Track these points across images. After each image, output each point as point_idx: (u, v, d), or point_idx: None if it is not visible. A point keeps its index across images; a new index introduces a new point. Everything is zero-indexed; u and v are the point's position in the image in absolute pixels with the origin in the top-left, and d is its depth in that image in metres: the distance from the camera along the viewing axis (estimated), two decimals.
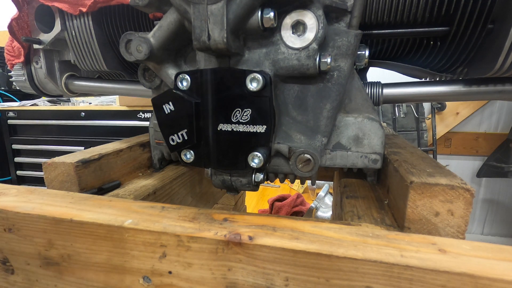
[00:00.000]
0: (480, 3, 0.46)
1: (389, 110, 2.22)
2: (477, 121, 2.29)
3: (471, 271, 0.28)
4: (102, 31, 0.66)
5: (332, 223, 0.39)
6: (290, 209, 1.84)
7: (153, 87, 0.51)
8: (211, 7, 0.35)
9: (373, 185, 0.57)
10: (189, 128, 0.42)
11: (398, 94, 0.60)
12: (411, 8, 0.50)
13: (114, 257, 0.38)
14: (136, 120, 1.78)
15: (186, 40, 0.44)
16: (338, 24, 0.41)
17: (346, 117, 0.44)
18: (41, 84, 0.82)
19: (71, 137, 1.93)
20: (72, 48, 0.69)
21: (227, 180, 0.46)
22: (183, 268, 0.36)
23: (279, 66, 0.40)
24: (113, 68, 0.72)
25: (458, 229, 0.37)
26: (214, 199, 0.95)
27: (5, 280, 0.44)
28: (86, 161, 0.53)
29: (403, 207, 0.39)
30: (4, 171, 2.16)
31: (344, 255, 0.31)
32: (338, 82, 0.42)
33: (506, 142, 2.09)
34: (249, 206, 2.04)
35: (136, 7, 0.41)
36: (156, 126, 0.55)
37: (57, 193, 0.47)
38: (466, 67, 0.54)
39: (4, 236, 0.42)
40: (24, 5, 0.69)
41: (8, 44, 0.76)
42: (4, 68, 2.34)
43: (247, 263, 0.34)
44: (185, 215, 0.40)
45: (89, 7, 0.61)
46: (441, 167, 0.42)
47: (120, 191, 0.56)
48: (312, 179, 0.48)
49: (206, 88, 0.40)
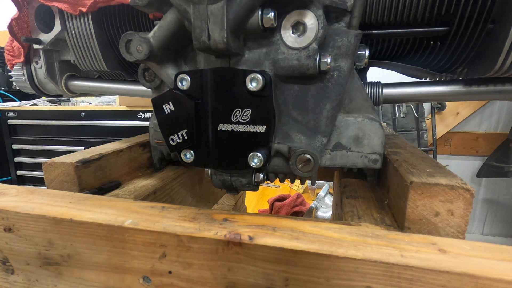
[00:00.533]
0: (480, 3, 0.46)
1: (389, 110, 2.22)
2: (477, 121, 2.29)
3: (471, 271, 0.28)
4: (102, 31, 0.66)
5: (332, 223, 0.39)
6: (290, 209, 1.84)
7: (153, 87, 0.51)
8: (211, 7, 0.35)
9: (373, 185, 0.57)
10: (189, 128, 0.42)
11: (398, 94, 0.60)
12: (411, 8, 0.50)
13: (114, 257, 0.38)
14: (136, 120, 1.78)
15: (186, 40, 0.43)
16: (338, 24, 0.41)
17: (346, 117, 0.44)
18: (41, 84, 0.82)
19: (71, 137, 1.94)
20: (72, 48, 0.69)
21: (227, 180, 0.46)
22: (183, 268, 0.36)
23: (279, 66, 0.40)
24: (113, 68, 0.72)
25: (458, 229, 0.37)
26: (214, 199, 0.95)
27: (5, 280, 0.44)
28: (86, 161, 0.53)
29: (403, 207, 0.39)
30: (4, 171, 2.16)
31: (344, 255, 0.31)
32: (338, 82, 0.42)
33: (506, 142, 2.09)
34: (249, 206, 2.03)
35: (136, 7, 0.41)
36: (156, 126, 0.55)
37: (57, 193, 0.47)
38: (466, 67, 0.54)
39: (4, 236, 0.42)
40: (24, 5, 0.69)
41: (8, 44, 0.76)
42: (4, 68, 2.34)
43: (247, 263, 0.34)
44: (185, 215, 0.40)
45: (89, 7, 0.61)
46: (441, 167, 0.42)
47: (120, 191, 0.56)
48: (312, 179, 0.48)
49: (206, 88, 0.40)
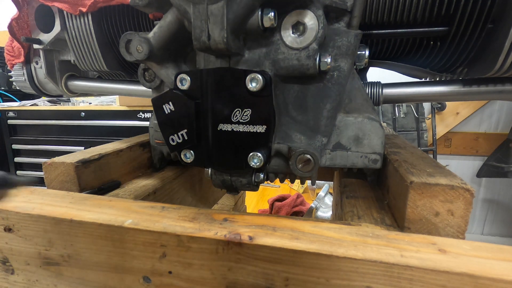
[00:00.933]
0: (480, 3, 0.46)
1: (389, 110, 2.22)
2: (477, 121, 2.29)
3: (471, 271, 0.28)
4: (102, 31, 0.66)
5: (332, 223, 0.39)
6: (290, 209, 1.84)
7: (153, 87, 0.51)
8: (211, 7, 0.35)
9: (373, 185, 0.57)
10: (189, 128, 0.42)
11: (398, 94, 0.60)
12: (411, 8, 0.50)
13: (114, 257, 0.38)
14: (136, 120, 1.78)
15: (186, 40, 0.43)
16: (338, 24, 0.41)
17: (346, 117, 0.44)
18: (41, 84, 0.82)
19: (71, 137, 1.93)
20: (72, 48, 0.69)
21: (227, 180, 0.46)
22: (183, 268, 0.36)
23: (279, 66, 0.40)
24: (113, 68, 0.72)
25: (458, 229, 0.37)
26: (214, 199, 0.95)
27: (5, 280, 0.44)
28: (86, 161, 0.53)
29: (403, 207, 0.39)
30: (4, 171, 2.15)
31: (344, 255, 0.31)
32: (338, 82, 0.42)
33: (506, 142, 2.08)
34: (249, 206, 2.03)
35: (136, 7, 0.41)
36: (156, 126, 0.55)
37: (57, 193, 0.47)
38: (466, 67, 0.54)
39: (4, 236, 0.42)
40: (24, 5, 0.69)
41: (8, 44, 0.76)
42: (4, 68, 2.34)
43: (247, 263, 0.34)
44: (185, 215, 0.40)
45: (89, 7, 0.61)
46: (441, 167, 0.42)
47: (120, 191, 0.56)
48: (312, 179, 0.48)
49: (206, 88, 0.40)
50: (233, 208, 1.02)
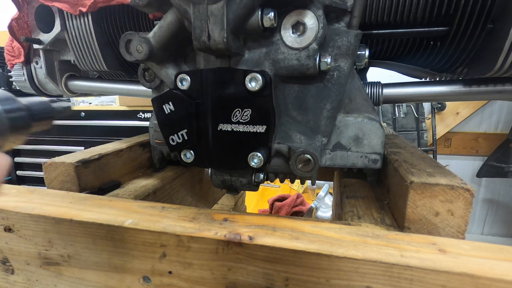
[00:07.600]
0: (480, 3, 0.46)
1: (389, 110, 2.22)
2: (477, 121, 2.29)
3: (471, 271, 0.28)
4: (102, 31, 0.66)
5: (332, 223, 0.39)
6: (290, 209, 1.84)
7: (153, 87, 0.51)
8: (211, 7, 0.35)
9: (373, 185, 0.57)
10: (189, 128, 0.42)
11: (398, 94, 0.60)
12: (411, 8, 0.50)
13: (114, 257, 0.38)
14: (136, 120, 1.78)
15: (186, 40, 0.43)
16: (338, 24, 0.41)
17: (346, 117, 0.44)
18: (41, 84, 0.82)
19: (71, 137, 1.93)
20: (72, 48, 0.69)
21: (227, 180, 0.46)
22: (183, 268, 0.36)
23: (279, 66, 0.40)
24: (113, 68, 0.72)
25: (458, 229, 0.37)
26: (214, 199, 0.95)
27: (5, 280, 0.44)
28: (86, 161, 0.53)
29: (403, 207, 0.39)
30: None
31: (344, 255, 0.31)
32: (338, 82, 0.42)
33: (506, 142, 2.09)
34: (249, 206, 2.03)
35: (136, 7, 0.41)
36: (156, 126, 0.55)
37: (57, 193, 0.47)
38: (466, 67, 0.54)
39: (4, 236, 0.42)
40: (24, 5, 0.68)
41: (8, 44, 0.76)
42: (4, 68, 2.33)
43: (247, 263, 0.34)
44: (185, 215, 0.40)
45: (89, 7, 0.61)
46: (441, 167, 0.42)
47: (120, 191, 0.56)
48: (312, 179, 0.48)
49: (206, 88, 0.40)
50: (233, 208, 1.02)
